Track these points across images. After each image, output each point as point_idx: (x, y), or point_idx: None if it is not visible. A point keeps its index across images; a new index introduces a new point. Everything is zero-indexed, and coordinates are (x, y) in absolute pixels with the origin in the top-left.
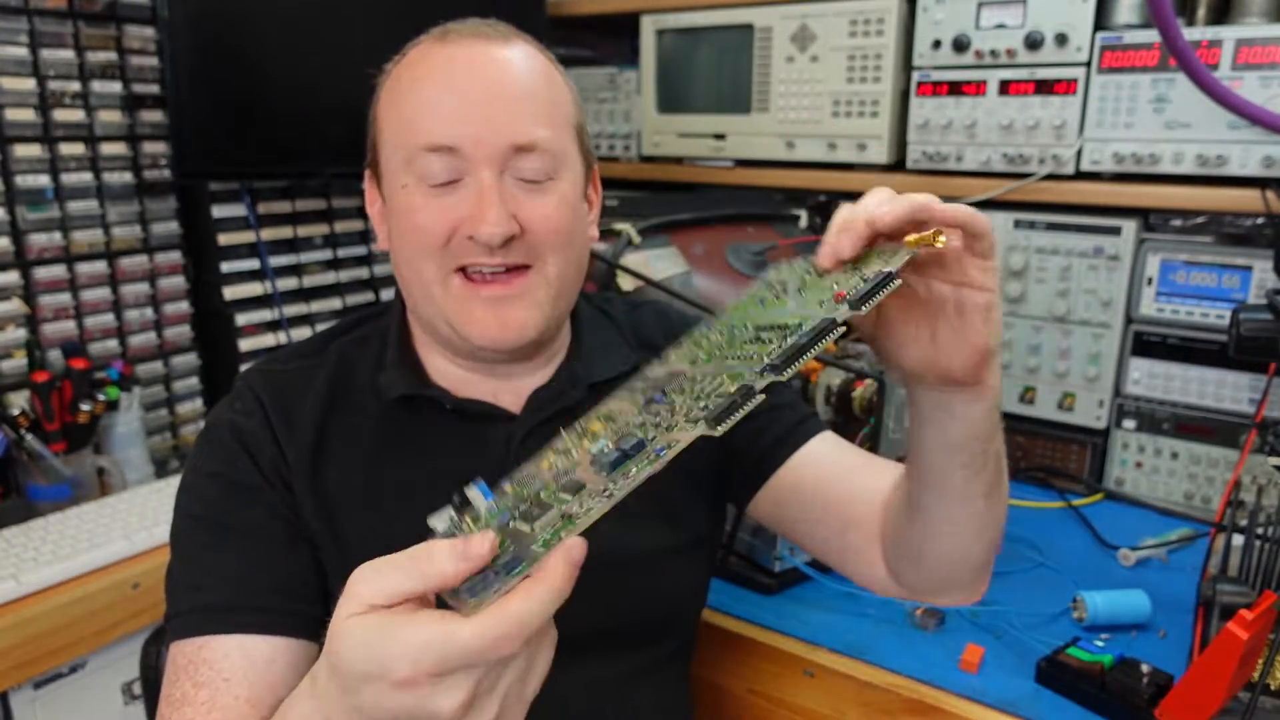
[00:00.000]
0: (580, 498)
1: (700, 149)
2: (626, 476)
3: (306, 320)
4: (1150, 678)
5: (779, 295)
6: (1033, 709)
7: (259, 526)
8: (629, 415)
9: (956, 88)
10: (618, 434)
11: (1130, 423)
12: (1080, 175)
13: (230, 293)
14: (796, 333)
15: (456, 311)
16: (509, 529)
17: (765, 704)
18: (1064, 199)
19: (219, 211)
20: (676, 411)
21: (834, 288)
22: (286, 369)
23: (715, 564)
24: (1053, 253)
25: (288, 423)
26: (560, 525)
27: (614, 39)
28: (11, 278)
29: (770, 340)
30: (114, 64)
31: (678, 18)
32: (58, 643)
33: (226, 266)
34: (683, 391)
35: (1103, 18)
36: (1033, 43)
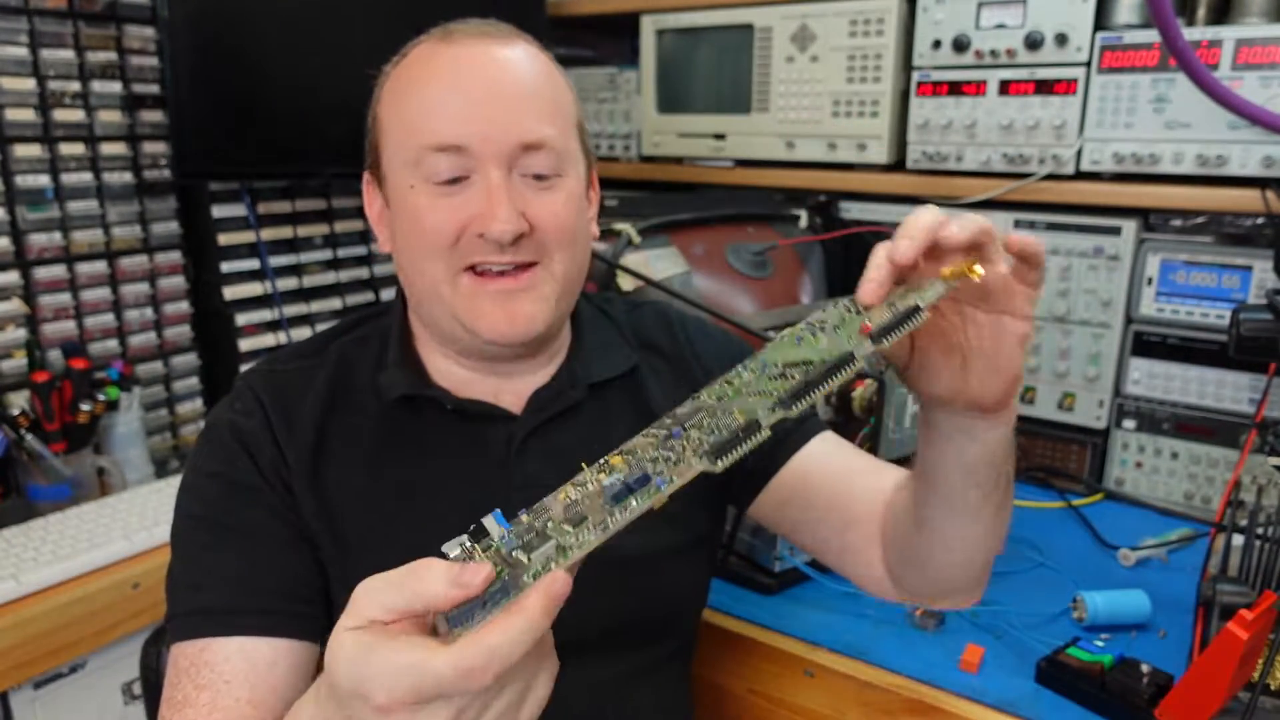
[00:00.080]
0: (580, 530)
1: (700, 149)
2: (625, 510)
3: (306, 320)
4: (1150, 678)
5: (815, 334)
6: (1033, 709)
7: (259, 527)
8: (649, 451)
9: (956, 88)
10: (632, 468)
11: (1130, 423)
12: (1080, 175)
13: (230, 293)
14: (819, 368)
15: (466, 308)
16: (512, 559)
17: (765, 704)
18: (1064, 199)
19: (219, 211)
20: (687, 446)
21: (864, 322)
22: (286, 369)
23: (715, 564)
24: (1053, 253)
25: (288, 423)
26: (554, 557)
27: (614, 39)
28: (11, 278)
29: (793, 376)
30: (114, 64)
31: (678, 18)
32: (58, 643)
33: (226, 266)
34: (700, 426)
35: (1103, 18)
36: (1033, 43)
